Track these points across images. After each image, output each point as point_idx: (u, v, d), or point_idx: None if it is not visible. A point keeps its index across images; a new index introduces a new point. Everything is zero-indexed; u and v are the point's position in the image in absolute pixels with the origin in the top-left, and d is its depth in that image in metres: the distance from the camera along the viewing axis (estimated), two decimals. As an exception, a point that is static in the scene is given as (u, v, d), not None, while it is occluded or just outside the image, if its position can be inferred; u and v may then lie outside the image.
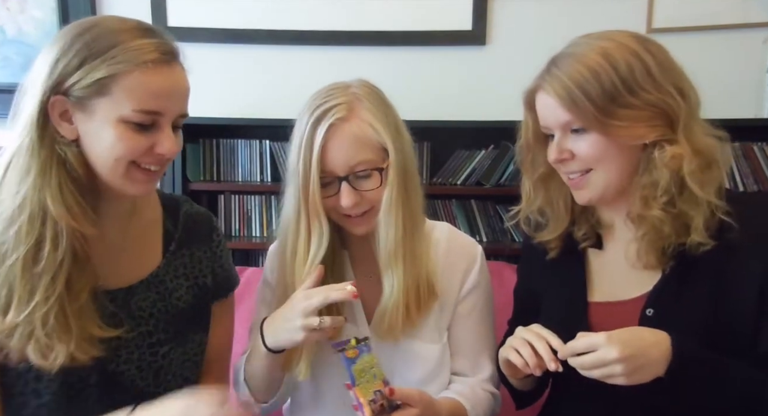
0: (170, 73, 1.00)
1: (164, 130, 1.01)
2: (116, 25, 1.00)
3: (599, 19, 2.39)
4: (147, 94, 0.97)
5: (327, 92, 1.18)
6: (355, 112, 1.15)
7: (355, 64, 2.48)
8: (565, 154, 1.10)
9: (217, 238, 1.23)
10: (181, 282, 1.16)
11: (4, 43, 2.51)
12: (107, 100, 0.97)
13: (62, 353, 1.00)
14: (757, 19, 2.41)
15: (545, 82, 1.10)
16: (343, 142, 1.14)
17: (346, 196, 1.15)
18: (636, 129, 1.05)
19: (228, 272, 1.24)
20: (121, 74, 0.96)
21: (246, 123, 2.48)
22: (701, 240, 1.05)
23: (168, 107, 1.00)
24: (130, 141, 0.99)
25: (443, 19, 2.47)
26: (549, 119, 1.11)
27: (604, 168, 1.09)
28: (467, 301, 1.28)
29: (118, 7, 2.51)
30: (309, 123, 1.15)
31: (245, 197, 2.55)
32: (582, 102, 1.05)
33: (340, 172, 1.15)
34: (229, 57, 2.52)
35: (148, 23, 1.05)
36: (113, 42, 0.97)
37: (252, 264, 2.56)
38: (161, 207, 1.19)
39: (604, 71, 1.05)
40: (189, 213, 1.21)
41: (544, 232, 1.22)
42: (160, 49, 0.99)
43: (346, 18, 2.48)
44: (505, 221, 2.47)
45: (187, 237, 1.19)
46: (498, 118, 2.37)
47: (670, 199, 1.06)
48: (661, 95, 1.05)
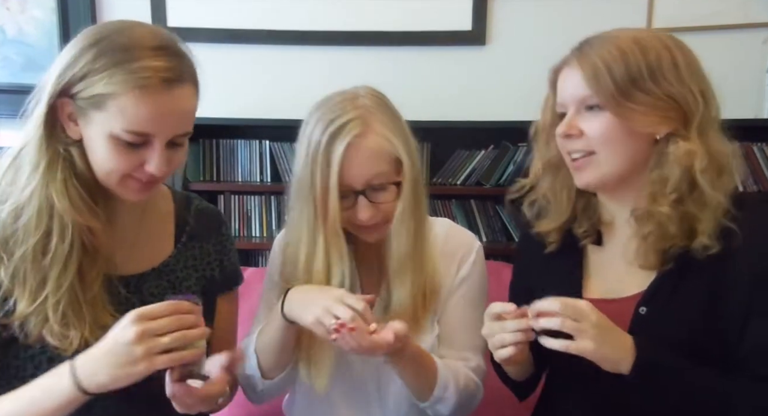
0: (167, 98, 1.00)
1: (156, 149, 1.01)
2: (128, 41, 0.99)
3: (599, 19, 2.38)
4: (138, 116, 0.98)
5: (337, 105, 1.17)
6: (371, 127, 1.15)
7: (355, 64, 2.49)
8: (573, 130, 1.10)
9: (226, 232, 1.27)
10: (191, 273, 1.19)
11: (4, 43, 2.51)
12: (102, 115, 0.99)
13: (77, 338, 1.04)
14: (757, 19, 2.41)
15: (574, 57, 1.11)
16: (361, 158, 1.14)
17: (363, 210, 1.16)
18: (650, 116, 1.06)
19: (234, 266, 1.28)
20: (116, 94, 0.97)
21: (246, 123, 2.48)
22: (708, 243, 1.05)
23: (160, 130, 1.01)
24: (119, 157, 1.01)
25: (443, 19, 2.47)
26: (566, 93, 1.12)
27: (608, 152, 1.09)
28: (458, 290, 1.29)
29: (118, 7, 2.51)
30: (324, 140, 1.14)
31: (245, 197, 2.55)
32: (604, 78, 1.06)
33: (357, 186, 1.15)
34: (229, 57, 2.51)
35: (168, 38, 1.04)
36: (118, 60, 0.97)
37: (252, 264, 2.56)
38: (173, 202, 1.23)
39: (633, 54, 1.06)
40: (200, 207, 1.25)
41: (544, 221, 1.22)
42: (163, 73, 0.98)
43: (346, 18, 2.48)
44: (505, 221, 2.51)
45: (198, 230, 1.22)
46: (498, 118, 2.38)
47: (680, 196, 1.06)
48: (682, 90, 1.06)
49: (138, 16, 2.49)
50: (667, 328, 1.06)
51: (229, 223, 2.47)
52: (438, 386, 1.19)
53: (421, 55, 2.49)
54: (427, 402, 1.21)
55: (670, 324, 1.07)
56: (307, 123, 1.19)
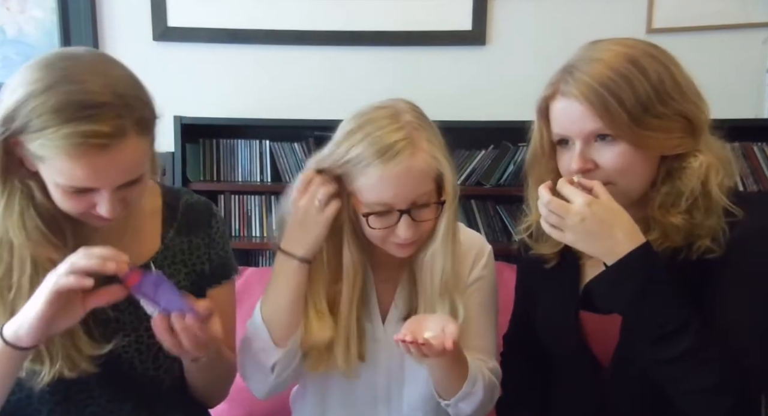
0: (104, 159, 0.94)
1: (103, 196, 0.99)
2: (66, 98, 0.92)
3: (599, 19, 2.40)
4: (74, 177, 0.95)
5: (382, 122, 1.14)
6: (419, 146, 1.13)
7: (355, 64, 2.48)
8: (589, 164, 1.06)
9: (216, 225, 1.25)
10: (179, 268, 1.19)
11: (4, 43, 2.51)
12: (44, 167, 0.97)
13: (48, 373, 1.03)
14: (757, 19, 2.41)
15: (568, 86, 1.05)
16: (410, 178, 1.12)
17: (405, 229, 1.15)
18: (668, 140, 1.03)
19: (224, 259, 1.25)
20: (51, 157, 0.94)
21: (246, 123, 2.48)
22: (711, 246, 1.03)
23: (101, 184, 0.98)
24: (69, 201, 1.00)
25: (443, 19, 2.47)
26: (572, 126, 1.06)
27: (627, 180, 1.06)
28: (470, 291, 1.29)
29: (118, 7, 2.51)
30: (370, 159, 1.12)
31: (245, 197, 2.55)
32: (615, 109, 1.01)
33: (403, 205, 1.14)
34: (229, 57, 2.51)
35: (118, 86, 0.96)
36: (45, 124, 0.92)
37: (252, 264, 2.56)
38: (161, 198, 1.22)
39: (636, 78, 1.01)
40: (189, 202, 1.24)
41: (544, 245, 1.20)
42: (95, 138, 0.92)
43: (346, 18, 2.48)
44: (505, 221, 2.50)
45: (187, 225, 1.21)
46: (498, 118, 2.38)
47: (690, 207, 1.04)
48: (687, 104, 1.04)
49: (138, 16, 2.52)
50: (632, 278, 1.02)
51: (228, 224, 2.50)
52: (468, 380, 1.18)
53: (421, 55, 2.49)
54: (452, 399, 1.20)
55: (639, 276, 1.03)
56: (345, 135, 1.17)
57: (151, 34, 2.49)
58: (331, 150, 1.18)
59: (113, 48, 2.51)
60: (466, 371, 1.18)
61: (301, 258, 1.19)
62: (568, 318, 1.17)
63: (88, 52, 1.02)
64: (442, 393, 1.21)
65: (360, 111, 1.19)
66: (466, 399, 1.20)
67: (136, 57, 2.66)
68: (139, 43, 2.50)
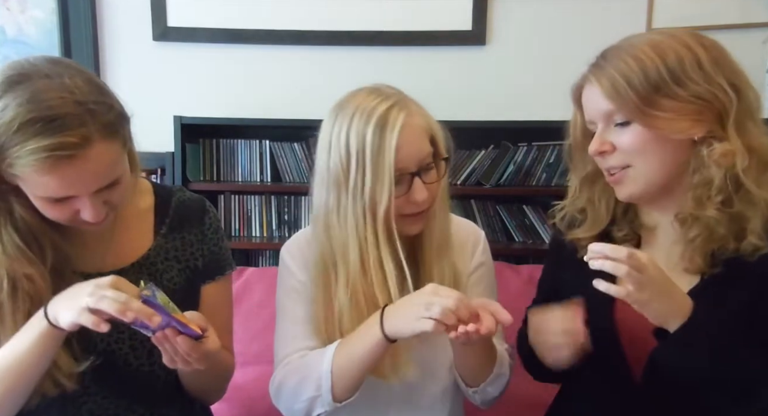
0: (72, 168, 0.94)
1: (84, 201, 0.99)
2: (17, 121, 0.92)
3: (599, 19, 2.40)
4: (47, 188, 0.96)
5: (368, 98, 1.17)
6: (411, 108, 1.17)
7: (354, 64, 2.49)
8: (606, 146, 1.08)
9: (209, 221, 1.25)
10: (172, 264, 1.20)
11: (4, 43, 2.51)
12: (21, 182, 0.98)
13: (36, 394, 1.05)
14: (757, 19, 2.41)
15: (592, 74, 1.09)
16: (414, 138, 1.15)
17: (420, 191, 1.16)
18: (679, 121, 1.02)
19: (218, 255, 1.25)
20: (21, 174, 0.95)
21: (246, 123, 2.48)
22: (758, 242, 1.01)
23: (78, 191, 0.98)
24: (53, 211, 1.01)
25: (443, 19, 2.47)
26: (592, 110, 1.10)
27: (644, 163, 1.06)
28: (474, 276, 1.31)
29: (118, 7, 2.51)
30: (371, 130, 1.13)
31: (245, 197, 2.55)
32: (625, 91, 1.03)
33: (413, 167, 1.16)
34: (229, 57, 2.51)
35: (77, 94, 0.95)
36: (10, 143, 0.93)
37: (252, 264, 2.56)
38: (153, 196, 1.22)
39: (651, 61, 1.03)
40: (181, 199, 1.24)
41: (578, 230, 1.20)
42: (59, 150, 0.92)
43: (345, 18, 2.48)
44: (505, 221, 2.50)
45: (179, 222, 1.22)
46: (498, 118, 2.38)
47: (727, 198, 1.02)
48: (711, 88, 1.02)
49: (138, 16, 2.52)
50: (704, 334, 1.03)
51: (228, 224, 2.50)
52: (497, 363, 1.19)
53: (421, 55, 2.50)
54: (482, 384, 1.20)
55: (708, 329, 1.03)
56: (333, 124, 1.17)
57: (151, 34, 2.49)
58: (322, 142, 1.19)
59: (113, 48, 2.52)
60: (495, 353, 1.19)
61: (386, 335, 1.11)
62: (601, 304, 1.14)
63: (42, 62, 1.00)
64: (471, 380, 1.21)
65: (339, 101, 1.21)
66: (496, 382, 1.20)
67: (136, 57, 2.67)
68: (139, 43, 2.50)
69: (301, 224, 2.52)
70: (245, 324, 1.82)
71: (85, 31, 2.49)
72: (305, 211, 2.52)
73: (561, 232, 1.23)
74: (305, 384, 1.18)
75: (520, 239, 2.49)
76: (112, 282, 0.96)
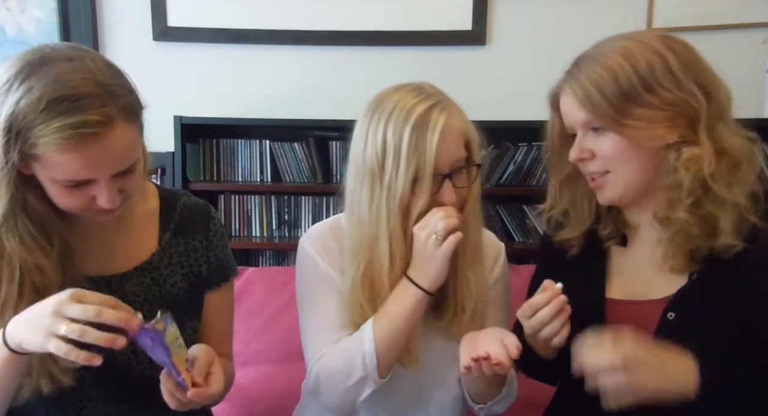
0: (96, 147, 0.95)
1: (101, 186, 1.00)
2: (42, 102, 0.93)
3: (599, 19, 2.40)
4: (69, 170, 0.96)
5: (409, 95, 1.16)
6: (451, 110, 1.16)
7: (355, 64, 2.48)
8: (585, 154, 1.10)
9: (214, 228, 1.24)
10: (176, 270, 1.19)
11: (4, 43, 2.51)
12: (39, 165, 0.97)
13: (29, 387, 1.04)
14: (757, 19, 2.41)
15: (566, 83, 1.10)
16: (452, 139, 1.14)
17: (449, 194, 1.15)
18: (653, 129, 1.04)
19: (222, 262, 1.25)
20: (42, 154, 0.95)
21: (246, 123, 2.48)
22: (729, 242, 1.03)
23: (96, 173, 0.98)
24: (68, 197, 1.00)
25: (443, 19, 2.47)
26: (569, 119, 1.11)
27: (622, 169, 1.08)
28: (493, 291, 1.30)
29: (118, 7, 2.51)
30: (409, 129, 1.12)
31: (245, 197, 2.55)
32: (599, 101, 1.04)
33: (445, 169, 1.15)
34: (229, 57, 2.51)
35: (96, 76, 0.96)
36: (34, 123, 0.93)
37: (252, 264, 2.56)
38: (159, 199, 1.22)
39: (623, 70, 1.04)
40: (187, 204, 1.23)
41: (564, 231, 1.21)
42: (85, 128, 0.93)
43: (346, 18, 2.48)
44: (505, 221, 2.50)
45: (184, 226, 1.21)
46: (498, 118, 2.38)
47: (696, 200, 1.04)
48: (682, 93, 1.03)
49: (138, 16, 2.52)
50: (695, 334, 1.04)
51: (227, 224, 2.50)
52: (506, 385, 1.19)
53: (421, 55, 2.49)
54: (489, 403, 1.20)
55: (700, 330, 1.04)
56: (371, 118, 1.17)
57: (151, 34, 2.49)
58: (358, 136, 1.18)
59: (113, 48, 2.51)
60: (506, 376, 1.19)
61: (424, 290, 1.15)
62: (592, 303, 1.15)
63: (62, 47, 1.01)
64: (478, 398, 1.21)
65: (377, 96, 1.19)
66: (502, 402, 1.21)
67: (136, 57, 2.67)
68: (139, 43, 2.50)
69: (302, 224, 2.52)
70: (245, 323, 1.82)
71: (85, 31, 2.49)
72: (305, 211, 2.52)
73: (548, 234, 1.25)
74: (351, 368, 1.16)
75: (520, 239, 2.49)
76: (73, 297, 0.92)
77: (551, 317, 1.03)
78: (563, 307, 1.03)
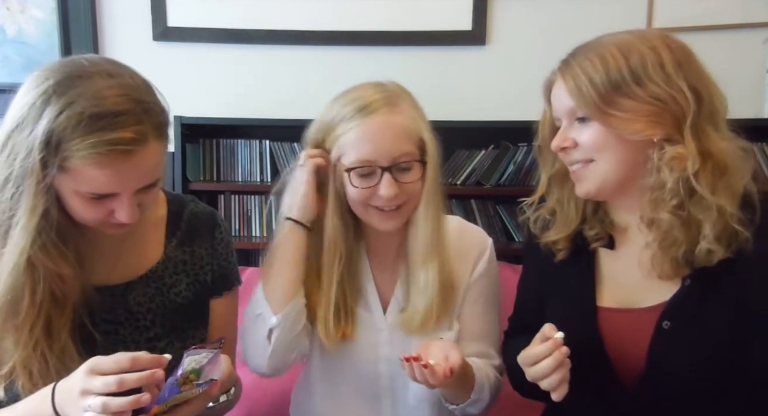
0: (127, 164, 0.97)
1: (123, 201, 1.01)
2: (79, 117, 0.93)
3: (599, 19, 2.40)
4: (97, 183, 0.97)
5: (363, 88, 1.22)
6: (399, 107, 1.19)
7: (355, 64, 2.49)
8: (567, 142, 1.09)
9: (220, 235, 1.24)
10: (181, 278, 1.18)
11: (4, 43, 2.51)
12: (66, 176, 0.97)
13: None
14: (757, 19, 2.41)
15: (560, 71, 1.10)
16: (390, 132, 1.17)
17: (387, 186, 1.17)
18: (635, 122, 1.03)
19: (226, 270, 1.25)
20: (74, 167, 0.95)
21: (246, 123, 2.48)
22: (710, 247, 1.01)
23: (123, 188, 0.99)
24: (89, 210, 1.01)
25: (443, 19, 2.47)
26: (558, 107, 1.11)
27: (604, 160, 1.07)
28: (475, 288, 1.30)
29: (118, 7, 2.51)
30: (350, 115, 1.18)
31: (245, 197, 2.55)
32: (586, 89, 1.04)
33: (384, 162, 1.17)
34: (229, 57, 2.52)
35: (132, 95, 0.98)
36: (71, 135, 0.94)
37: (252, 264, 2.56)
38: (166, 206, 1.21)
39: (615, 60, 1.04)
40: (194, 211, 1.23)
41: (550, 232, 1.20)
42: (121, 145, 0.94)
43: (346, 18, 2.48)
44: (505, 221, 2.51)
45: (190, 234, 1.21)
46: (498, 118, 2.38)
47: (680, 202, 1.02)
48: (670, 90, 1.02)
49: (138, 16, 2.52)
50: (690, 344, 1.02)
51: (227, 224, 2.49)
52: (475, 390, 1.20)
53: (421, 55, 2.50)
54: (461, 405, 1.21)
55: (696, 338, 1.03)
56: (328, 109, 1.23)
57: (151, 34, 2.49)
58: (319, 119, 1.25)
59: (113, 48, 2.52)
60: (473, 381, 1.19)
61: (295, 220, 1.23)
62: (584, 314, 1.13)
63: (101, 61, 1.02)
64: (449, 399, 1.22)
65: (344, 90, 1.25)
66: (474, 405, 1.21)
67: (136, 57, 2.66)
68: (139, 43, 2.50)
69: (301, 224, 2.52)
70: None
71: (85, 31, 2.49)
72: (305, 211, 2.52)
73: (534, 236, 1.23)
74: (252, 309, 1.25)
75: (520, 239, 2.49)
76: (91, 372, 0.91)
77: (552, 369, 1.01)
78: (564, 360, 1.01)
